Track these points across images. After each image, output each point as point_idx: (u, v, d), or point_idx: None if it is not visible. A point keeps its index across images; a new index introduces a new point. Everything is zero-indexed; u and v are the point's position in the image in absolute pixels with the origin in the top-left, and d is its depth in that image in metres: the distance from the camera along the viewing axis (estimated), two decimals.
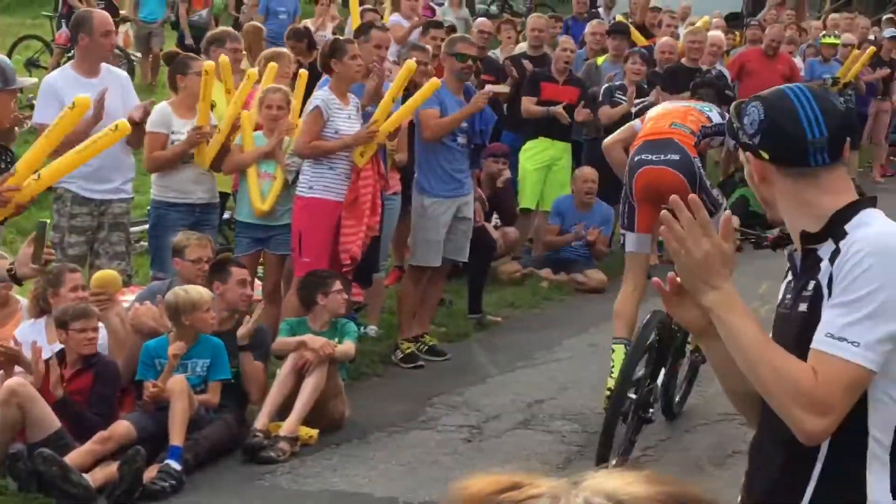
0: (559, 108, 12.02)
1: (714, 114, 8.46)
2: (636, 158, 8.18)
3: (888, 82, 18.09)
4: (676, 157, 8.05)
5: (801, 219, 3.11)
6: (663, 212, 3.00)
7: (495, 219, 11.96)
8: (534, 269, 12.04)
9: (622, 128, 9.02)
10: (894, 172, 18.57)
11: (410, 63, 9.21)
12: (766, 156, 3.10)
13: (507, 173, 11.77)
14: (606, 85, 12.34)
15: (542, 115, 12.09)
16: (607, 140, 9.00)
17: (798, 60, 17.42)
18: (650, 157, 8.13)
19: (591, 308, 11.28)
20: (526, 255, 12.38)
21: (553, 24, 15.13)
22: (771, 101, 3.11)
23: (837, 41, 16.85)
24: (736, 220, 12.81)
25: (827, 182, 3.08)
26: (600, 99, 12.22)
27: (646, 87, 12.27)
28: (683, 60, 13.07)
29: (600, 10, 18.97)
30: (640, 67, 12.34)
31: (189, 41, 18.13)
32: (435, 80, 9.28)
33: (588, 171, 12.00)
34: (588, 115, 12.16)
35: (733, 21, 22.73)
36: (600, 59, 13.44)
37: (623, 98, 12.03)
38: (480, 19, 15.59)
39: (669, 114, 8.43)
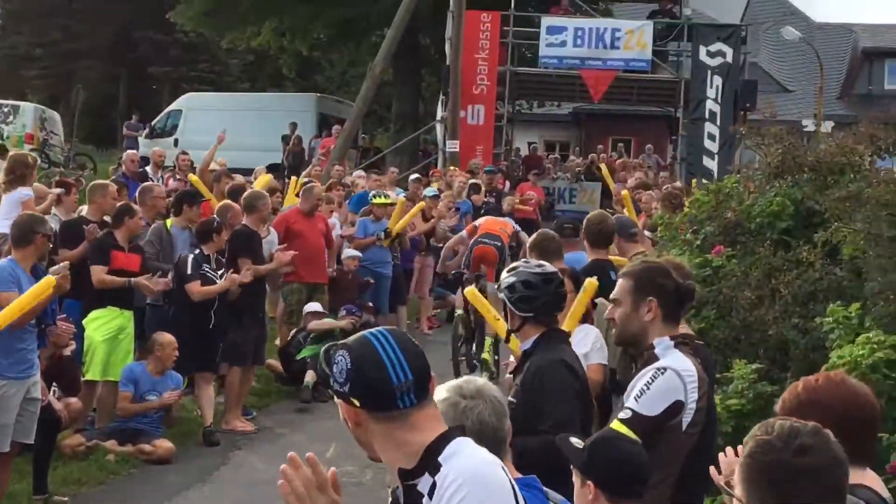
0: (142, 280, 11.67)
1: (512, 222, 16.70)
2: (478, 240, 15.08)
3: (429, 238, 18.89)
4: (498, 243, 15.08)
5: (396, 457, 3.18)
6: (282, 484, 3.05)
7: (55, 388, 11.40)
8: (98, 441, 11.51)
9: (455, 238, 16.54)
10: (440, 324, 19.30)
11: None
12: (357, 403, 3.16)
13: (73, 343, 11.29)
14: (193, 256, 12.19)
15: (121, 286, 11.70)
16: (450, 243, 16.52)
17: (348, 213, 17.99)
18: (486, 240, 15.04)
19: (160, 480, 10.92)
20: (90, 427, 11.84)
21: None
22: (356, 350, 3.17)
23: (388, 200, 17.38)
24: (309, 387, 13.10)
25: (417, 421, 3.17)
26: (189, 272, 12.05)
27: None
28: (246, 222, 13.10)
29: (148, 169, 18.94)
30: (223, 238, 12.42)
31: None
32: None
33: (171, 338, 11.77)
34: (168, 285, 11.96)
35: (274, 173, 23.41)
36: (169, 222, 13.29)
37: (213, 275, 12.04)
38: (37, 184, 14.56)
39: (497, 222, 15.98)
